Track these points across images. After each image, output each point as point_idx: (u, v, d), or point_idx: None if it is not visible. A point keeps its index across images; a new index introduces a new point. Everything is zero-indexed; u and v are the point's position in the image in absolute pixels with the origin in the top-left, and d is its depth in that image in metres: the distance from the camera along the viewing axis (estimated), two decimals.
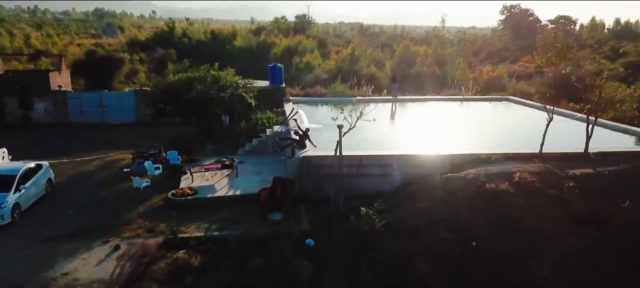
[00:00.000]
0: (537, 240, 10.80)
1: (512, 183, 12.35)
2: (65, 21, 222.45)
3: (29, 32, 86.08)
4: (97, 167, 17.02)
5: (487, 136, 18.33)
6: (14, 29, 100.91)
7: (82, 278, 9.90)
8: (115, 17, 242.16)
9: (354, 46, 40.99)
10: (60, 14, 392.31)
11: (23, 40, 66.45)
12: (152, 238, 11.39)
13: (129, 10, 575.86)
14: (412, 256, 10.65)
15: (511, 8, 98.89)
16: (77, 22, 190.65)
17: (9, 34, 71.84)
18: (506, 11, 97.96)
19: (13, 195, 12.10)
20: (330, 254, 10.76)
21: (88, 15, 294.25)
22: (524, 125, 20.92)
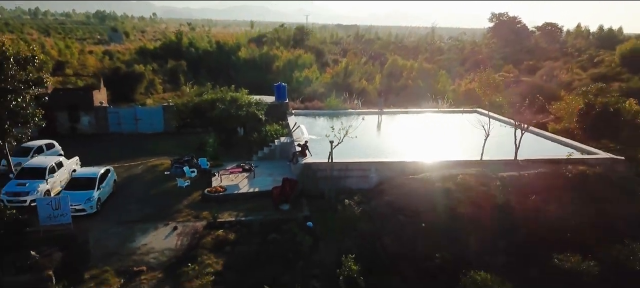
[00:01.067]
0: (467, 222, 15.58)
1: (456, 183, 17.15)
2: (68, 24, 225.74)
3: (43, 41, 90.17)
4: (142, 170, 21.73)
5: (449, 145, 23.10)
6: (26, 36, 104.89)
7: (156, 248, 14.65)
8: (117, 20, 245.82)
9: (348, 61, 45.62)
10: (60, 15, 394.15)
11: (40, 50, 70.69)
12: (199, 222, 16.16)
13: (128, 10, 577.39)
14: (380, 234, 15.41)
15: (500, 16, 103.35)
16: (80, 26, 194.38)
17: (26, 43, 76.05)
18: (495, 19, 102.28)
19: (96, 191, 16.82)
20: (324, 232, 15.52)
21: (89, 17, 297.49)
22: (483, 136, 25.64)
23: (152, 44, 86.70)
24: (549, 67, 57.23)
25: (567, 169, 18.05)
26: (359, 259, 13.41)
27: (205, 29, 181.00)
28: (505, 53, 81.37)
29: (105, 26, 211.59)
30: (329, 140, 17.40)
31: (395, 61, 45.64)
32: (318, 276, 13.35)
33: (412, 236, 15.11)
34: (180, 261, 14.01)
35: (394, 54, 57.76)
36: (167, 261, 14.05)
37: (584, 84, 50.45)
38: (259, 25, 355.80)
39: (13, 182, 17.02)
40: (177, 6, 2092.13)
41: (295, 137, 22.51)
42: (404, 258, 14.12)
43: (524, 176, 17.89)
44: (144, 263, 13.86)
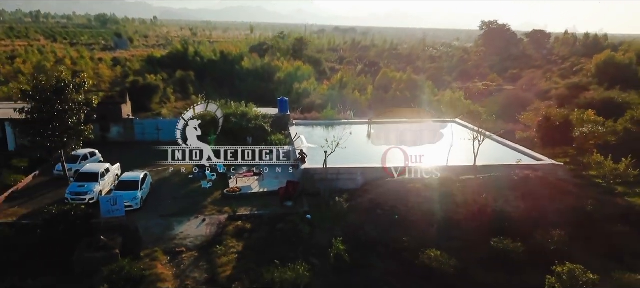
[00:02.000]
0: (431, 215, 20.05)
1: (424, 184, 21.64)
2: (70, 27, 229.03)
3: (54, 48, 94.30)
4: (170, 174, 26.16)
5: (424, 153, 27.55)
6: (33, 42, 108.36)
7: (191, 235, 19.09)
8: (118, 23, 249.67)
9: (343, 73, 50.14)
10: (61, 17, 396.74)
11: (54, 59, 74.90)
12: (222, 215, 20.59)
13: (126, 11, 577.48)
14: (363, 224, 19.86)
15: (490, 23, 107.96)
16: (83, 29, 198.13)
17: (40, 53, 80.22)
18: (485, 27, 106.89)
19: (139, 191, 21.24)
20: (320, 223, 19.96)
21: (90, 20, 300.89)
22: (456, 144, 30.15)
23: (159, 53, 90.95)
24: (529, 77, 61.69)
25: (515, 173, 22.55)
26: (346, 242, 17.84)
27: (206, 33, 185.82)
28: (493, 61, 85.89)
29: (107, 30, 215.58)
30: (324, 150, 21.87)
31: (385, 74, 50.19)
32: (315, 254, 17.78)
33: (388, 225, 19.59)
34: (210, 244, 18.45)
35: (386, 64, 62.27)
36: (200, 244, 18.49)
37: (560, 94, 55.19)
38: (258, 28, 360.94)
39: (75, 184, 21.45)
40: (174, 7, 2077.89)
41: (296, 146, 26.96)
42: (380, 242, 18.58)
43: (479, 179, 22.38)
44: (183, 245, 18.30)
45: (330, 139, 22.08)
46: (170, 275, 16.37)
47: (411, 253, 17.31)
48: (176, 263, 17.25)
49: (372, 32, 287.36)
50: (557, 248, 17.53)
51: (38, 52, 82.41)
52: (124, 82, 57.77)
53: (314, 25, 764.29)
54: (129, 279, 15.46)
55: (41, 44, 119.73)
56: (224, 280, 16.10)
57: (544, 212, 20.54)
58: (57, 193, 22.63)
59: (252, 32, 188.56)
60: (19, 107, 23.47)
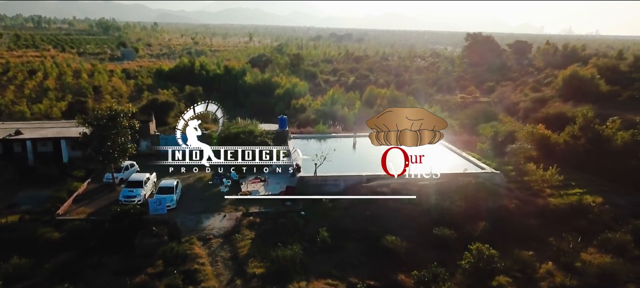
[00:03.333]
0: (393, 210, 26.97)
1: (389, 188, 28.56)
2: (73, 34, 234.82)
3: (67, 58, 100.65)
4: (193, 180, 32.98)
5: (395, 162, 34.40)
6: (44, 52, 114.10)
7: (216, 227, 25.95)
8: (119, 30, 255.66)
9: (334, 91, 57.11)
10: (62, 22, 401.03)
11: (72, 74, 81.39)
12: (238, 212, 27.45)
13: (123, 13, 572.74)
14: (343, 217, 26.77)
15: (475, 35, 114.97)
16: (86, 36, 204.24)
17: (56, 65, 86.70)
18: (470, 38, 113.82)
19: (175, 194, 28.07)
20: (312, 217, 26.86)
21: (92, 26, 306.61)
22: None
23: (166, 65, 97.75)
24: (501, 90, 68.69)
25: (461, 180, 29.51)
26: (330, 231, 24.70)
27: (206, 40, 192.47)
28: (475, 72, 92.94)
29: (110, 36, 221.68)
30: (314, 163, 28.78)
31: (371, 90, 57.13)
32: (307, 240, 24.63)
33: (360, 219, 26.51)
34: (230, 233, 25.29)
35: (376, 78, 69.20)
36: (223, 233, 25.33)
37: (526, 107, 62.21)
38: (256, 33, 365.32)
39: (126, 190, 28.27)
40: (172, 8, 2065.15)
41: (293, 158, 33.81)
42: (354, 231, 25.48)
43: (432, 184, 29.33)
44: (211, 234, 25.15)
45: (320, 153, 29.01)
46: (204, 254, 23.22)
47: (376, 239, 24.22)
48: (208, 246, 24.09)
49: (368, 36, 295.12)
50: (480, 235, 24.45)
51: (54, 65, 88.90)
52: (139, 96, 64.65)
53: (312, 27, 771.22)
54: (177, 256, 22.29)
55: (51, 53, 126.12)
56: (242, 257, 22.96)
57: (478, 210, 27.49)
58: (109, 197, 29.46)
59: (251, 39, 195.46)
60: (71, 126, 30.12)
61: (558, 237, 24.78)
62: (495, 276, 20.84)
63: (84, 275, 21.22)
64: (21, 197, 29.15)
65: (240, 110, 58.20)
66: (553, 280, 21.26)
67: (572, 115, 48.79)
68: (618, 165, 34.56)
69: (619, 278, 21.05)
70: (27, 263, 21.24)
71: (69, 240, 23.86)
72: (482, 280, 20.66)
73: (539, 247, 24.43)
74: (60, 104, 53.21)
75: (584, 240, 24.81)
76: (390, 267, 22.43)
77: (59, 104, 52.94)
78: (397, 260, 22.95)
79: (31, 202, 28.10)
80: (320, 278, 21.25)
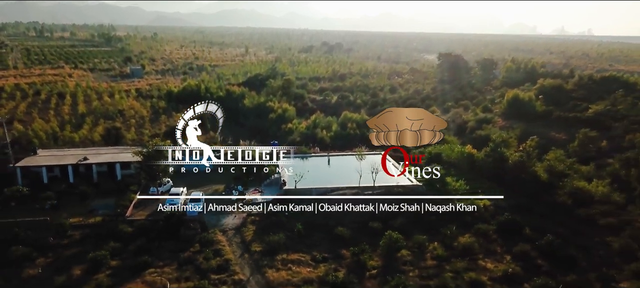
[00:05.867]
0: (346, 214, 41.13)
1: (343, 194, 42.70)
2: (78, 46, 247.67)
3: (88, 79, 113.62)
4: (212, 192, 46.92)
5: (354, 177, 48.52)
6: (59, 69, 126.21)
7: (230, 223, 40.05)
8: (121, 40, 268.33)
9: (316, 116, 71.20)
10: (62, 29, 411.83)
11: (96, 97, 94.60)
12: (244, 213, 41.53)
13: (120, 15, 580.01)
14: (312, 216, 40.88)
15: (447, 55, 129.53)
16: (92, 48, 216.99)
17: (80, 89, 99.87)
18: (441, 57, 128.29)
19: (201, 202, 42.09)
20: (292, 216, 40.93)
21: (94, 36, 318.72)
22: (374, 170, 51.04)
23: (173, 85, 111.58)
24: (454, 112, 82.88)
25: (393, 190, 43.64)
26: (303, 225, 38.72)
27: (205, 53, 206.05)
28: (444, 90, 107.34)
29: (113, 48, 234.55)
30: (294, 179, 42.93)
31: (345, 115, 71.24)
32: (289, 230, 38.63)
33: (323, 217, 40.62)
34: (239, 227, 39.31)
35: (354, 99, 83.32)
36: (235, 227, 39.35)
37: (471, 126, 76.38)
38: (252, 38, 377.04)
39: (169, 199, 42.16)
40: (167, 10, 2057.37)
41: (283, 173, 47.78)
42: (319, 224, 39.56)
43: (374, 192, 43.48)
44: (227, 228, 39.17)
45: (300, 171, 43.13)
46: (224, 240, 37.21)
47: (332, 229, 38.32)
48: (225, 235, 38.08)
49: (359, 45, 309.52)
50: (400, 227, 38.54)
51: (77, 86, 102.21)
52: (157, 119, 78.37)
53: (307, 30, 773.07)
54: (207, 241, 36.24)
55: (67, 71, 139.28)
56: (248, 241, 36.98)
57: (402, 211, 41.64)
58: (155, 204, 43.31)
59: (247, 52, 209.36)
60: (120, 152, 43.97)
61: (449, 227, 38.98)
62: (400, 250, 35.00)
63: (153, 252, 35.11)
64: (96, 204, 43.03)
65: (240, 129, 72.25)
66: (435, 253, 35.39)
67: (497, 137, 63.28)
68: (511, 177, 48.88)
69: (475, 250, 35.25)
70: (119, 246, 35.16)
71: (138, 232, 37.76)
72: (391, 253, 34.81)
73: (434, 234, 38.58)
74: (97, 128, 66.90)
75: (465, 229, 39.04)
76: (339, 246, 36.56)
77: (97, 129, 66.65)
78: (344, 242, 37.06)
79: (104, 208, 41.99)
80: (295, 253, 35.32)
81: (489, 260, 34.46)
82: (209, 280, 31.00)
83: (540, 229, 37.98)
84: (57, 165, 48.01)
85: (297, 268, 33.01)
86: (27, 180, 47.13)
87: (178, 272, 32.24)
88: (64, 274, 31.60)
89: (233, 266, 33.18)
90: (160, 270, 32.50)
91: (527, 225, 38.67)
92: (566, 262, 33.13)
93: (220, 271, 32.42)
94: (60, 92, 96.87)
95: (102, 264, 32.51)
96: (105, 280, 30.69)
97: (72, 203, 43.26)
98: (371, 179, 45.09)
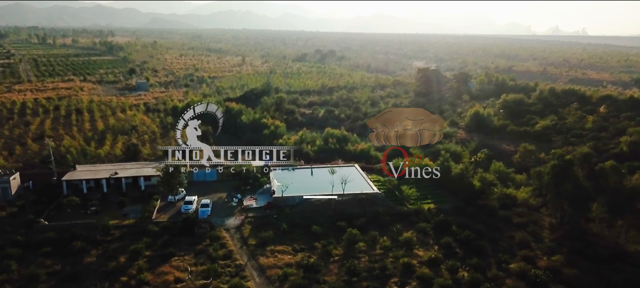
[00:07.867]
0: (321, 215, 53.69)
1: (320, 201, 55.29)
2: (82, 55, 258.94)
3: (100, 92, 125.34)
4: (217, 199, 59.39)
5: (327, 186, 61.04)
6: (70, 83, 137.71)
7: (232, 224, 52.63)
8: (122, 49, 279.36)
9: (302, 132, 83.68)
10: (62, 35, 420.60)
11: (110, 112, 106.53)
12: (242, 215, 54.06)
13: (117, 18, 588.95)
14: (294, 217, 53.44)
15: (425, 70, 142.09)
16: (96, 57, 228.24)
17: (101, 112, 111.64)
18: (420, 72, 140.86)
19: (209, 208, 54.54)
20: (279, 217, 53.49)
21: (95, 43, 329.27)
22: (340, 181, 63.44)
23: (177, 98, 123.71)
24: None
25: (357, 197, 56.27)
26: (288, 225, 51.24)
27: (204, 63, 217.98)
28: (419, 103, 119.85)
29: (116, 57, 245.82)
30: (281, 188, 55.53)
31: (328, 131, 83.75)
32: (276, 229, 51.14)
33: (303, 218, 53.18)
34: (239, 226, 51.82)
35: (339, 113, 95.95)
36: (236, 226, 51.85)
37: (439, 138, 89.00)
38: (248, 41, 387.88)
39: (184, 205, 54.56)
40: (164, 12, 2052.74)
41: (273, 184, 60.24)
42: (299, 224, 52.09)
43: (344, 200, 56.03)
44: (230, 227, 51.68)
45: (287, 181, 55.71)
46: (227, 237, 49.69)
47: (309, 228, 50.89)
48: (229, 232, 50.56)
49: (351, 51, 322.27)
50: (359, 225, 51.08)
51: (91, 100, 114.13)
52: (167, 134, 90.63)
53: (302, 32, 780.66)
54: (215, 237, 48.71)
55: (78, 85, 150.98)
56: (246, 237, 49.49)
57: (364, 213, 54.26)
58: (173, 209, 55.68)
59: (244, 61, 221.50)
60: (143, 166, 56.46)
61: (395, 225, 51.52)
62: (358, 243, 47.60)
63: (175, 245, 47.48)
64: (127, 210, 55.38)
65: (238, 142, 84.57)
66: (384, 245, 47.95)
67: (454, 150, 76.06)
68: (456, 185, 61.57)
69: (413, 242, 47.86)
70: (150, 241, 47.56)
71: (163, 231, 50.17)
72: (351, 245, 47.39)
73: (385, 230, 51.16)
74: (118, 144, 79.21)
75: (410, 227, 51.67)
76: (313, 240, 49.09)
77: (118, 145, 78.94)
78: (317, 237, 49.57)
79: (134, 213, 54.35)
80: (281, 245, 47.85)
81: (422, 249, 47.10)
82: (218, 265, 43.41)
83: (465, 226, 50.69)
84: (93, 178, 60.29)
85: (282, 256, 45.49)
86: (70, 191, 59.42)
87: (195, 259, 44.64)
88: (113, 261, 43.97)
89: (235, 255, 45.61)
90: (182, 258, 44.91)
91: (455, 224, 51.36)
92: (476, 250, 45.81)
93: (226, 258, 44.84)
94: (78, 109, 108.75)
95: (140, 254, 44.85)
96: (144, 265, 43.06)
97: (108, 209, 55.61)
98: (341, 188, 57.65)
